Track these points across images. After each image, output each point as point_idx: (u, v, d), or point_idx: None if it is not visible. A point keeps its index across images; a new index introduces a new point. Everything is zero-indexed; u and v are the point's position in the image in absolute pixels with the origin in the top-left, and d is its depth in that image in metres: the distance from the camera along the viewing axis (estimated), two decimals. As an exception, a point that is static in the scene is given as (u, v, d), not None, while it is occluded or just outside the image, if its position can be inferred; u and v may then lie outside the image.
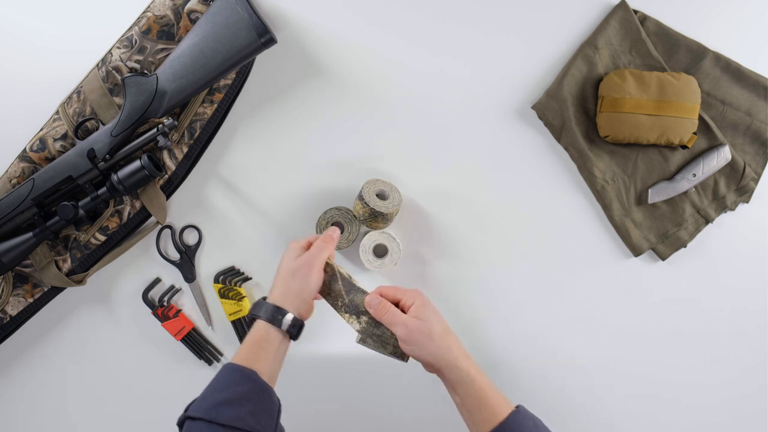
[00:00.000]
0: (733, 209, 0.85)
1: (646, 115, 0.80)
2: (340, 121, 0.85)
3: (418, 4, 0.83)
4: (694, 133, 0.81)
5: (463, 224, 0.86)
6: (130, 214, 0.84)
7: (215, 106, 0.82)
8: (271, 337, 0.68)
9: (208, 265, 0.88)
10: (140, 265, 0.88)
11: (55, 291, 0.86)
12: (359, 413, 0.90)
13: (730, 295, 0.87)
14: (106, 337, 0.89)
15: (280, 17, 0.83)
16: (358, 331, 0.72)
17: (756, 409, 0.88)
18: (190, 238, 0.88)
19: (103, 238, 0.84)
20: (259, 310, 0.70)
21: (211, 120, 0.82)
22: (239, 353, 0.68)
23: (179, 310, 0.88)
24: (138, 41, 0.79)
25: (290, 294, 0.70)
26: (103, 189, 0.80)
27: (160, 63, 0.80)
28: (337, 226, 0.84)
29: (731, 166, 0.83)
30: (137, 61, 0.80)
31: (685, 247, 0.85)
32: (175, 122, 0.79)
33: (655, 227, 0.85)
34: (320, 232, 0.84)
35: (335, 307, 0.74)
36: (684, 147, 0.82)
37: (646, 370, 0.88)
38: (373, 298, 0.71)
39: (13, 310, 0.85)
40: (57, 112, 0.81)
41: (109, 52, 0.80)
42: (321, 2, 0.83)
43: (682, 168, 0.84)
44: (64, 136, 0.81)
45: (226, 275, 0.88)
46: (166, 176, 0.83)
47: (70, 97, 0.81)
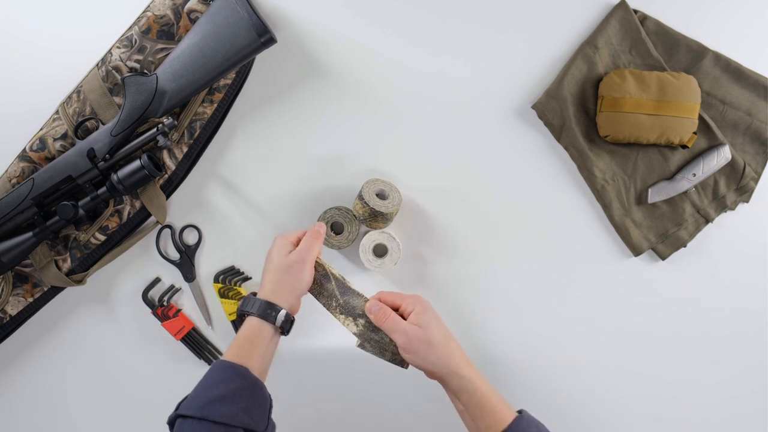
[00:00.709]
0: (733, 209, 0.85)
1: (646, 114, 0.80)
2: (340, 121, 0.85)
3: (418, 4, 0.83)
4: (694, 133, 0.81)
5: (463, 224, 0.86)
6: (129, 213, 0.84)
7: (215, 105, 0.82)
8: (264, 333, 0.68)
9: (207, 265, 0.88)
10: (140, 265, 0.88)
11: (55, 291, 0.86)
12: (359, 413, 0.90)
13: (730, 295, 0.87)
14: (106, 336, 0.89)
15: (280, 17, 0.82)
16: (356, 335, 0.72)
17: (756, 409, 0.88)
18: (190, 238, 0.88)
19: (102, 238, 0.84)
20: (251, 306, 0.69)
21: (211, 120, 0.82)
22: (230, 350, 0.67)
23: (179, 310, 0.88)
24: (138, 41, 0.79)
25: (283, 290, 0.70)
26: (103, 189, 0.80)
27: (159, 63, 0.80)
28: (337, 226, 0.84)
29: (731, 165, 0.83)
30: (137, 61, 0.80)
31: (685, 246, 0.85)
32: (175, 122, 0.79)
33: (655, 227, 0.85)
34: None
35: (328, 308, 0.73)
36: (684, 147, 0.82)
37: (646, 370, 0.88)
38: (373, 304, 0.71)
39: (12, 310, 0.85)
40: (57, 112, 0.81)
41: (109, 51, 0.80)
42: (321, 2, 0.83)
43: (682, 168, 0.84)
44: (64, 136, 0.81)
45: (226, 275, 0.88)
46: (166, 176, 0.83)
47: (69, 97, 0.81)
